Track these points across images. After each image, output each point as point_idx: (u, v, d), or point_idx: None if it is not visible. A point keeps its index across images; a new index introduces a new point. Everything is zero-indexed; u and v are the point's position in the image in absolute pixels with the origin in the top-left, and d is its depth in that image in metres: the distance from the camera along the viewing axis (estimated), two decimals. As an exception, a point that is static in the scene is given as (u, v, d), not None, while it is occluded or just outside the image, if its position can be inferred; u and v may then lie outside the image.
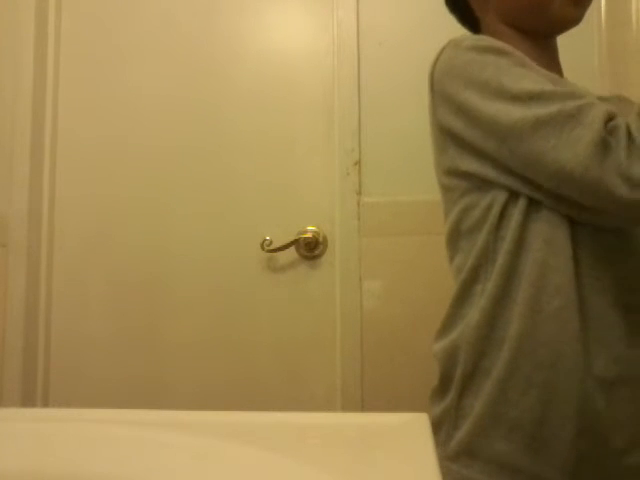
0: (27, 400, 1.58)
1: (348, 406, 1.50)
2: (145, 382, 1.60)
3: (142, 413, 0.48)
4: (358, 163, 1.56)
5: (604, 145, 0.65)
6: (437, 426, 0.80)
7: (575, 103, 0.68)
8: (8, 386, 1.57)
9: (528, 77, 0.72)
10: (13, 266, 1.61)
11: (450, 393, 0.79)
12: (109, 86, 1.69)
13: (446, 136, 0.81)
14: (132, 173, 1.66)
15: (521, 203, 0.74)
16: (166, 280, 1.62)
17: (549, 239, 0.73)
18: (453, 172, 0.81)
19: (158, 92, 1.67)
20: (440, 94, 0.80)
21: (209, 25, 1.67)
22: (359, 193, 1.55)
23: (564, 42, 0.93)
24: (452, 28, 0.95)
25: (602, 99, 0.85)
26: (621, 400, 0.72)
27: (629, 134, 0.65)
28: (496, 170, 0.75)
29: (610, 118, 0.67)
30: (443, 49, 0.81)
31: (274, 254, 1.59)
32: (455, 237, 0.83)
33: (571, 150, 0.66)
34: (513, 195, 0.75)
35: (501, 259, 0.75)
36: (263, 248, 1.57)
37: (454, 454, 0.77)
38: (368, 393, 1.51)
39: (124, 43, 1.69)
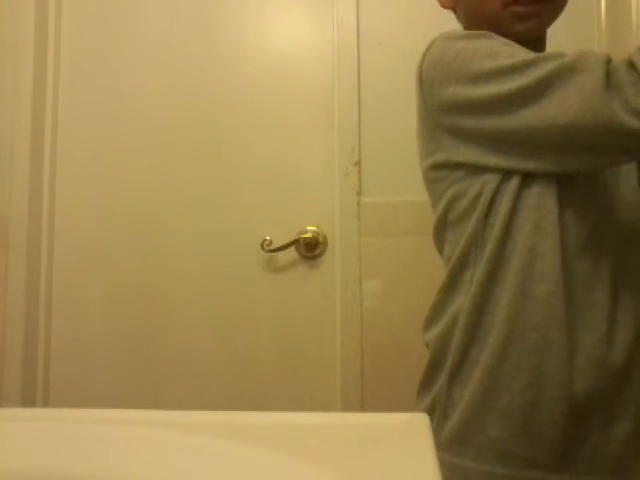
0: (27, 400, 1.58)
1: (348, 406, 1.50)
2: (145, 379, 1.60)
3: (142, 413, 0.48)
4: (358, 163, 1.56)
5: (610, 85, 0.66)
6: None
7: (572, 56, 0.70)
8: (8, 386, 1.57)
9: (520, 52, 0.74)
10: (13, 266, 1.61)
11: (439, 382, 0.80)
12: (109, 86, 1.69)
13: (439, 127, 0.81)
14: (131, 173, 1.66)
15: (511, 190, 0.75)
16: (166, 279, 1.62)
17: (538, 224, 0.74)
18: (445, 164, 0.81)
19: (158, 92, 1.67)
20: (430, 83, 0.80)
21: (209, 25, 1.67)
22: (359, 193, 1.55)
23: (564, 42, 0.93)
24: (452, 28, 0.95)
25: None
26: (606, 378, 0.74)
27: (633, 69, 0.66)
28: (495, 154, 0.76)
29: (609, 60, 0.68)
30: (431, 43, 0.82)
31: (274, 254, 1.59)
32: (442, 227, 0.84)
33: (578, 98, 0.67)
34: (505, 179, 0.76)
35: (490, 245, 0.76)
36: (263, 248, 1.57)
37: (446, 443, 0.78)
38: (368, 393, 1.51)
39: (124, 44, 1.69)
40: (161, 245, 1.63)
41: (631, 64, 0.66)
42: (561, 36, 0.91)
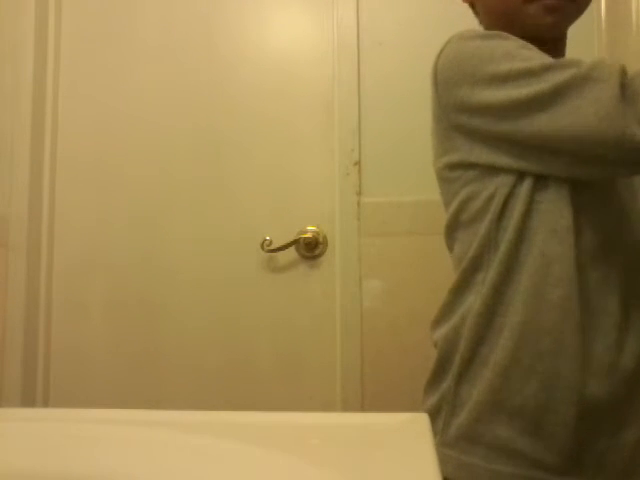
0: (27, 400, 1.58)
1: (348, 406, 1.50)
2: (145, 378, 1.60)
3: (142, 413, 0.48)
4: (358, 163, 1.56)
5: (624, 98, 0.66)
6: (434, 414, 0.81)
7: (588, 64, 0.70)
8: (8, 386, 1.57)
9: (535, 55, 0.74)
10: (13, 266, 1.61)
11: (446, 381, 0.80)
12: (110, 85, 1.69)
13: (454, 127, 0.81)
14: (131, 171, 1.66)
15: (524, 192, 0.75)
16: (166, 279, 1.62)
17: (552, 228, 0.74)
18: (459, 164, 0.81)
19: (158, 91, 1.67)
20: (445, 83, 0.80)
21: (209, 25, 1.67)
22: (359, 193, 1.55)
23: (564, 42, 0.93)
24: (453, 28, 0.95)
25: None
26: (618, 384, 0.74)
27: None
28: (508, 156, 0.76)
29: (625, 71, 0.68)
30: (447, 43, 0.82)
31: (274, 254, 1.59)
32: (454, 227, 0.84)
33: (593, 107, 0.67)
34: (518, 182, 0.76)
35: (503, 248, 0.76)
36: (263, 248, 1.57)
37: (453, 440, 0.78)
38: (368, 393, 1.51)
39: (124, 44, 1.69)
40: (161, 244, 1.63)
41: None
42: (561, 36, 0.91)
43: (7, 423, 0.47)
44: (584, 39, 1.48)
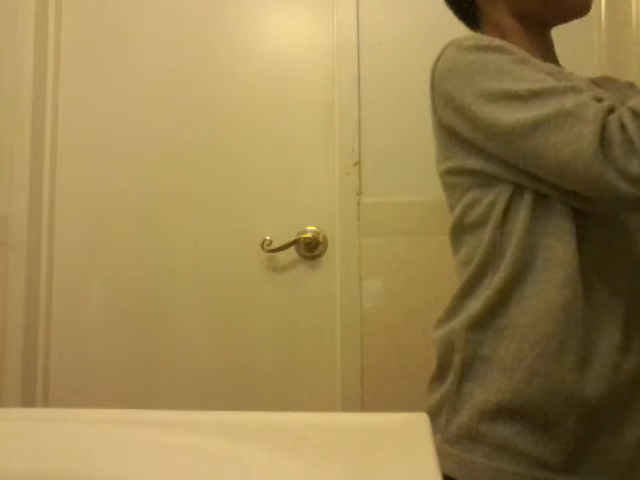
0: (27, 400, 1.58)
1: (348, 406, 1.50)
2: (145, 378, 1.60)
3: (142, 413, 0.48)
4: (358, 163, 1.56)
5: (604, 141, 0.66)
6: (436, 412, 0.81)
7: (574, 100, 0.69)
8: (8, 386, 1.57)
9: (529, 75, 0.73)
10: (13, 266, 1.61)
11: (449, 379, 0.81)
12: (109, 86, 1.69)
13: (450, 135, 0.82)
14: (132, 173, 1.66)
15: (527, 198, 0.76)
16: (166, 279, 1.62)
17: (555, 233, 0.75)
18: (458, 170, 0.82)
19: (158, 92, 1.67)
20: (440, 93, 0.81)
21: (210, 25, 1.67)
22: (359, 193, 1.55)
23: (564, 42, 0.93)
24: (452, 28, 0.95)
25: (593, 81, 0.89)
26: (620, 385, 0.75)
27: (624, 130, 0.66)
28: (501, 167, 0.77)
29: (609, 112, 0.68)
30: (444, 49, 0.82)
31: (274, 254, 1.59)
32: (459, 231, 0.85)
33: (572, 147, 0.67)
34: (518, 190, 0.76)
35: (510, 252, 0.76)
36: (263, 248, 1.57)
37: (455, 438, 0.78)
38: (368, 393, 1.51)
39: (124, 43, 1.69)
40: (161, 243, 1.63)
41: (622, 125, 0.66)
42: (561, 36, 0.91)
43: (7, 423, 0.47)
44: (584, 39, 1.48)
